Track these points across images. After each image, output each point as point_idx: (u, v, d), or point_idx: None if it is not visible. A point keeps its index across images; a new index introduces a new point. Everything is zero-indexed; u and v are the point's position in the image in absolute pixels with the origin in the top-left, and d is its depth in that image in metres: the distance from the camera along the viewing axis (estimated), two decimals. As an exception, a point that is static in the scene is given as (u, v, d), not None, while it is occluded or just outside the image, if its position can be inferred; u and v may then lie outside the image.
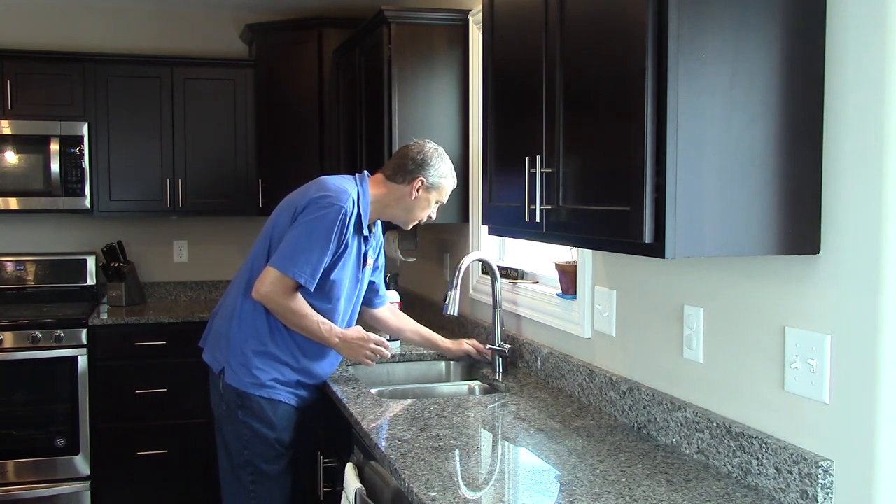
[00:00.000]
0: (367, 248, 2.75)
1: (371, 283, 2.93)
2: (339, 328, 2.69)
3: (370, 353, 2.70)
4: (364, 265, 2.75)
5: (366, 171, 2.78)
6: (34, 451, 4.06)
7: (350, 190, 2.61)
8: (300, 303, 2.59)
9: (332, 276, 2.61)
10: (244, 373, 2.62)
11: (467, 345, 3.04)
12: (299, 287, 2.56)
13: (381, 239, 2.93)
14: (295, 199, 2.65)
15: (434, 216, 2.81)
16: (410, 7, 3.50)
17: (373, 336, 2.72)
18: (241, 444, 2.64)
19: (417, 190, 2.69)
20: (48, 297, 4.58)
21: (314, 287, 2.56)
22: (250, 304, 2.62)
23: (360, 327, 2.76)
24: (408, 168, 2.69)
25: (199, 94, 4.57)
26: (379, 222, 2.86)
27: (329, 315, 2.66)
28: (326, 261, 2.56)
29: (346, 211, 2.55)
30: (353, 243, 2.64)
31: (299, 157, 4.44)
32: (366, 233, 2.69)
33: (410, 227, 2.82)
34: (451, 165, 2.77)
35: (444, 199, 2.79)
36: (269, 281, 2.54)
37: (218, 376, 2.68)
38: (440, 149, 2.76)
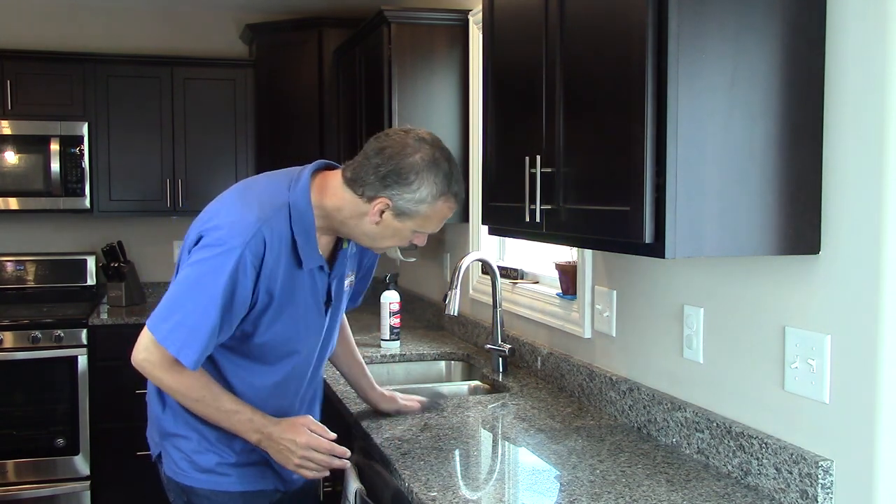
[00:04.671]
0: (332, 279, 1.93)
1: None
2: (264, 418, 1.84)
3: (302, 463, 1.84)
4: (329, 304, 1.96)
5: (318, 163, 1.91)
6: (34, 451, 4.06)
7: (262, 215, 1.77)
8: (188, 380, 1.78)
9: (259, 339, 1.85)
10: (181, 459, 1.94)
11: (405, 402, 2.31)
12: None
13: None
14: (197, 220, 1.89)
15: (420, 243, 1.90)
16: (410, 7, 3.50)
17: (316, 441, 1.83)
18: None
19: (380, 214, 1.78)
20: (48, 297, 4.58)
21: (197, 365, 1.74)
22: None
23: (306, 420, 1.88)
24: (367, 179, 1.76)
25: (199, 94, 4.58)
26: None
27: (284, 387, 1.94)
28: (217, 324, 1.73)
29: (242, 257, 1.72)
30: (301, 285, 1.84)
31: (299, 157, 4.41)
32: (318, 263, 1.86)
33: (381, 252, 2.05)
34: (452, 180, 1.79)
35: (431, 227, 1.84)
36: (143, 345, 1.78)
37: (156, 463, 2.06)
38: (438, 152, 1.78)
